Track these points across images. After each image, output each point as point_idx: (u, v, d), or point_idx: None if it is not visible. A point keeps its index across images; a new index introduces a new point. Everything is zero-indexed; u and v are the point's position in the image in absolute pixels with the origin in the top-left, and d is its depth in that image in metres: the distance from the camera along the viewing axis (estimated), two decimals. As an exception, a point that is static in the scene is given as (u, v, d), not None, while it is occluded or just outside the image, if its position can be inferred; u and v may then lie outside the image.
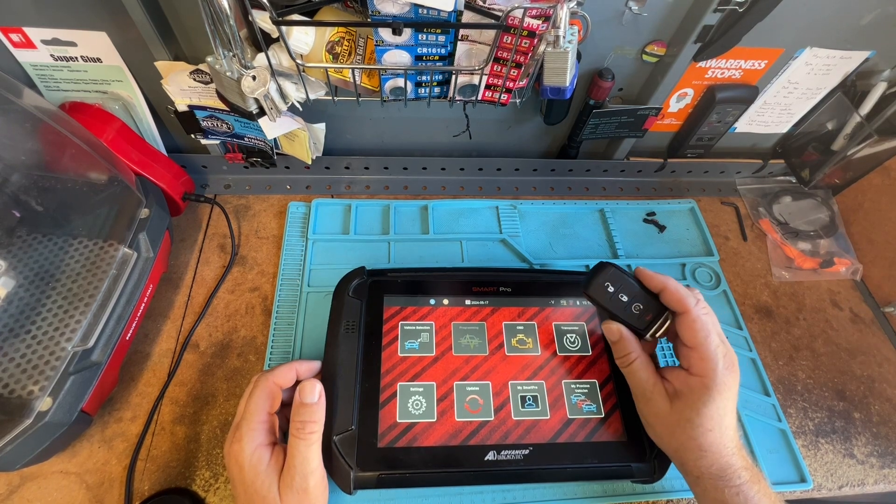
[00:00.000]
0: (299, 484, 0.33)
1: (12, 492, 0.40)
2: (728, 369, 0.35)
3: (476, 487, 0.42)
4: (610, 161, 0.64)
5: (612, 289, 0.40)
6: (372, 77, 0.45)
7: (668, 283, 0.39)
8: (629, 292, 0.40)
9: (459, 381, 0.43)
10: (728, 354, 0.36)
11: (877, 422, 0.50)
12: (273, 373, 0.37)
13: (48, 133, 0.41)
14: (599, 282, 0.40)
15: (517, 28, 0.39)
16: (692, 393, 0.35)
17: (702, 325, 0.36)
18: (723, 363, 0.35)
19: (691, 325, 0.36)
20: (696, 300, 0.37)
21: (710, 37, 0.47)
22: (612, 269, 0.40)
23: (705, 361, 0.35)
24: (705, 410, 0.34)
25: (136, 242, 0.44)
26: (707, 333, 0.36)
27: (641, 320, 0.40)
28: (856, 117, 0.56)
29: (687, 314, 0.37)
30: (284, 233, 0.56)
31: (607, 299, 0.40)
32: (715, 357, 0.35)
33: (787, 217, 0.64)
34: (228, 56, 0.39)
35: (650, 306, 0.40)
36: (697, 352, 0.36)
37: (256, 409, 0.36)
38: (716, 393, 0.34)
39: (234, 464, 0.34)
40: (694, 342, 0.36)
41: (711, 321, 0.37)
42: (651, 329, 0.40)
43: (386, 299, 0.46)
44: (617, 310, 0.40)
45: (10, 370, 0.36)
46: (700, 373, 0.35)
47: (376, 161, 0.60)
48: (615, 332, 0.41)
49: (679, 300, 0.37)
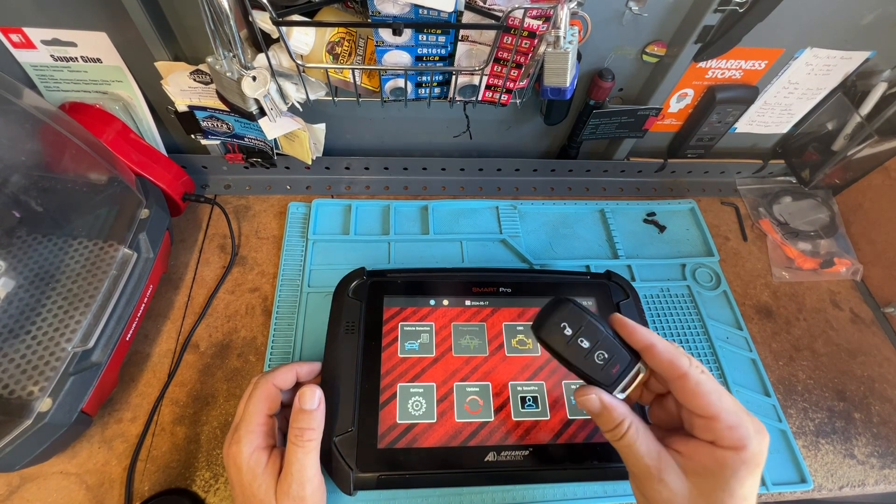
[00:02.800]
0: (296, 491, 0.33)
1: (12, 492, 0.40)
2: (760, 434, 0.29)
3: (476, 488, 0.42)
4: (610, 161, 0.64)
5: (569, 331, 0.32)
6: (372, 77, 0.45)
7: (654, 340, 0.32)
8: (591, 336, 0.32)
9: (459, 382, 0.43)
10: (752, 417, 0.30)
11: (877, 422, 0.50)
12: (273, 374, 0.37)
13: (48, 133, 0.41)
14: (554, 321, 0.32)
15: (517, 29, 0.39)
16: (724, 469, 0.29)
17: (710, 387, 0.30)
18: (753, 428, 0.29)
19: (696, 390, 0.30)
20: (689, 361, 0.31)
21: (710, 37, 0.47)
22: (569, 307, 0.32)
23: (736, 430, 0.29)
24: (740, 490, 0.28)
25: (136, 243, 0.44)
26: (720, 395, 0.30)
27: (607, 373, 0.32)
28: (856, 117, 0.56)
29: (684, 378, 0.30)
30: (284, 233, 0.56)
31: (563, 345, 0.32)
32: (745, 424, 0.29)
33: (788, 217, 0.64)
34: (228, 56, 0.39)
35: (617, 355, 0.32)
36: (721, 420, 0.29)
37: (255, 411, 0.35)
38: (754, 466, 0.29)
39: (232, 465, 0.34)
40: (710, 409, 0.30)
41: (713, 381, 0.31)
42: (619, 385, 0.32)
43: (386, 300, 0.46)
44: (575, 359, 0.32)
45: (10, 371, 0.36)
46: (733, 444, 0.29)
47: (376, 161, 0.60)
48: (594, 401, 0.32)
49: (671, 363, 0.31)
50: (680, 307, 0.54)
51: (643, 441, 0.31)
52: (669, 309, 0.54)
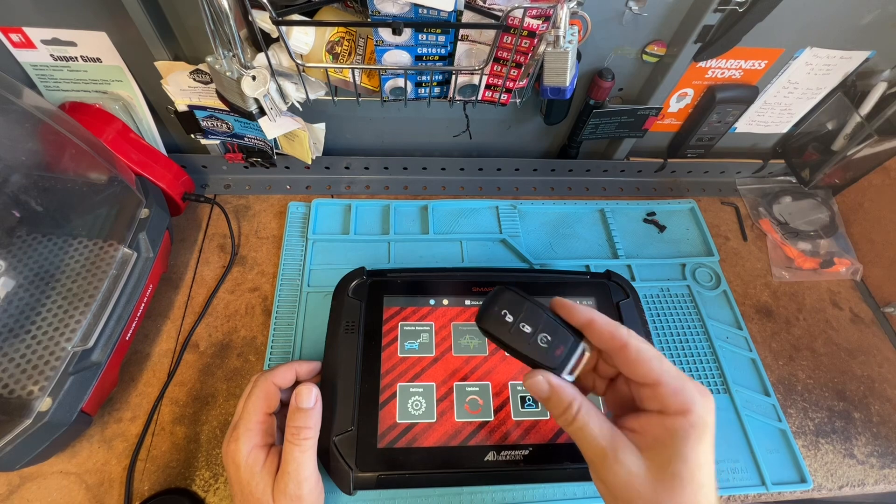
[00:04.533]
0: (293, 490, 0.33)
1: (12, 492, 0.40)
2: (704, 397, 0.29)
3: (476, 488, 0.42)
4: (610, 161, 0.64)
5: (510, 317, 0.31)
6: (372, 77, 0.45)
7: (593, 315, 0.31)
8: (533, 321, 0.31)
9: (459, 382, 0.43)
10: (695, 382, 0.30)
11: (877, 422, 0.50)
12: (272, 373, 0.37)
13: (48, 133, 0.41)
14: (495, 310, 0.32)
15: (517, 28, 0.39)
16: (675, 437, 0.28)
17: (650, 353, 0.30)
18: (697, 391, 0.29)
19: (637, 357, 0.29)
20: (627, 331, 0.31)
21: (710, 37, 0.47)
22: (508, 294, 0.32)
23: (680, 394, 0.28)
24: (695, 456, 0.27)
25: (136, 242, 0.44)
26: (660, 360, 0.29)
27: (551, 355, 0.31)
28: (856, 117, 0.56)
29: (625, 348, 0.30)
30: (284, 233, 0.56)
31: (506, 331, 0.31)
32: (688, 386, 0.29)
33: (788, 217, 0.64)
34: (228, 56, 0.39)
35: (560, 337, 0.32)
36: (664, 386, 0.29)
37: (254, 410, 0.36)
38: (702, 429, 0.28)
39: (230, 463, 0.34)
40: (652, 375, 0.29)
41: (653, 349, 0.30)
42: (566, 366, 0.31)
43: (386, 299, 0.46)
44: (519, 344, 0.31)
45: (10, 370, 0.36)
46: (679, 408, 0.28)
47: (376, 161, 0.60)
48: (542, 384, 0.31)
49: (611, 334, 0.30)
50: (680, 307, 0.54)
51: (595, 422, 0.30)
52: (669, 309, 0.54)
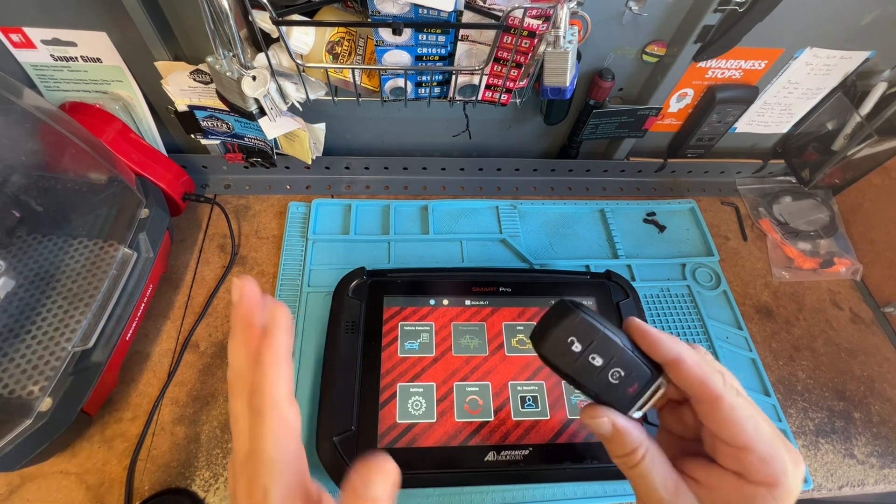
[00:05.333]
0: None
1: (12, 492, 0.40)
2: (797, 467, 0.25)
3: (476, 488, 0.42)
4: (610, 161, 0.64)
5: (577, 346, 0.26)
6: (372, 77, 0.45)
7: (682, 351, 0.27)
8: (605, 352, 0.26)
9: (459, 382, 0.43)
10: (789, 447, 0.26)
11: (877, 422, 0.50)
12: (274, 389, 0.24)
13: (48, 133, 0.41)
14: (559, 337, 0.26)
15: (517, 28, 0.39)
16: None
17: (746, 412, 0.25)
18: (790, 461, 0.25)
19: (730, 417, 0.25)
20: (722, 378, 0.26)
21: (710, 37, 0.47)
22: (578, 317, 0.26)
23: (770, 464, 0.25)
24: None
25: (137, 242, 0.44)
26: (756, 422, 0.25)
27: (622, 394, 0.26)
28: (856, 117, 0.56)
29: (718, 401, 0.25)
30: (284, 233, 0.56)
31: (570, 362, 0.26)
32: (782, 457, 0.25)
33: (787, 217, 0.64)
34: (228, 56, 0.39)
35: (635, 373, 0.26)
36: (755, 452, 0.25)
37: (281, 448, 0.23)
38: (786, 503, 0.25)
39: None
40: (743, 439, 0.25)
41: (751, 404, 0.26)
42: (635, 405, 0.27)
43: (386, 299, 0.46)
44: (584, 378, 0.26)
45: (10, 370, 0.36)
46: (765, 480, 0.24)
47: (376, 161, 0.60)
48: (605, 425, 0.27)
49: (702, 382, 0.26)
50: (680, 307, 0.54)
51: (659, 471, 0.26)
52: (669, 309, 0.54)
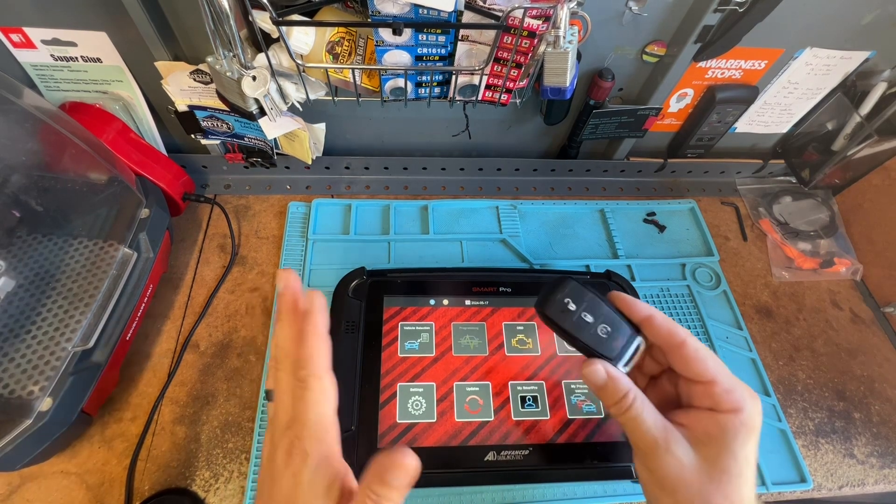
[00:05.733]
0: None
1: (12, 492, 0.40)
2: (753, 398, 0.30)
3: (476, 487, 0.42)
4: (610, 161, 0.64)
5: (573, 306, 0.32)
6: (372, 77, 0.45)
7: (653, 311, 0.33)
8: (594, 311, 0.33)
9: (459, 382, 0.43)
10: (746, 385, 0.31)
11: (877, 422, 0.50)
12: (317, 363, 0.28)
13: (48, 133, 0.41)
14: (558, 298, 0.33)
15: (517, 28, 0.39)
16: (726, 433, 0.29)
17: (706, 353, 0.31)
18: (747, 392, 0.30)
19: (695, 356, 0.31)
20: (685, 330, 0.32)
21: (710, 37, 0.47)
22: (572, 284, 0.33)
23: (732, 393, 0.30)
24: (743, 453, 0.29)
25: (137, 242, 0.44)
26: (715, 361, 0.31)
27: (610, 346, 0.32)
28: (856, 117, 0.56)
29: (683, 346, 0.31)
30: (284, 233, 0.56)
31: (568, 319, 0.32)
32: (739, 387, 0.30)
33: (787, 217, 0.64)
34: (228, 56, 0.39)
35: (619, 329, 0.33)
36: (718, 384, 0.30)
37: (321, 415, 0.26)
38: (751, 428, 0.29)
39: (289, 479, 0.25)
40: (708, 373, 0.30)
41: (710, 350, 0.32)
42: (623, 357, 0.33)
43: (386, 299, 0.46)
44: (580, 333, 0.32)
45: (11, 370, 0.36)
46: (731, 406, 0.29)
47: (376, 161, 0.60)
48: (600, 371, 0.32)
49: (669, 331, 0.32)
50: (680, 307, 0.54)
51: (648, 413, 0.31)
52: (669, 309, 0.54)
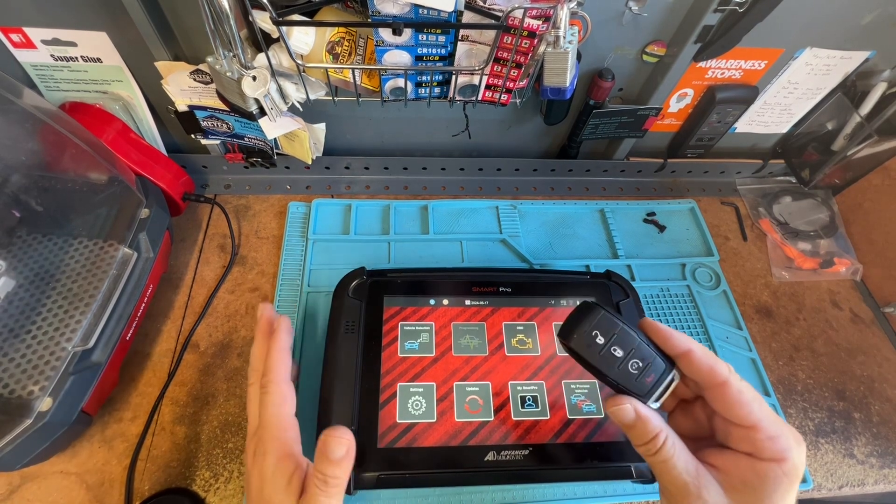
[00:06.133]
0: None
1: (12, 492, 0.40)
2: (799, 445, 0.28)
3: (476, 488, 0.42)
4: (610, 161, 0.64)
5: (601, 339, 0.30)
6: (372, 77, 0.45)
7: (692, 345, 0.30)
8: (625, 345, 0.30)
9: (459, 382, 0.43)
10: (791, 428, 0.29)
11: (877, 422, 0.50)
12: (275, 371, 0.35)
13: (48, 133, 0.41)
14: (585, 329, 0.30)
15: (517, 28, 0.39)
16: (766, 483, 0.27)
17: (750, 395, 0.29)
18: (793, 439, 0.28)
19: (737, 398, 0.29)
20: (727, 366, 0.30)
21: (710, 37, 0.47)
22: (601, 313, 0.30)
23: (777, 441, 0.28)
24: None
25: (137, 242, 0.44)
26: (760, 404, 0.29)
27: (641, 383, 0.30)
28: (856, 117, 0.56)
29: (725, 386, 0.29)
30: (284, 233, 0.56)
31: (595, 353, 0.30)
32: (785, 433, 0.28)
33: (787, 217, 0.64)
34: (229, 56, 0.39)
35: (652, 364, 0.30)
36: (762, 430, 0.28)
37: (276, 416, 0.33)
38: (794, 479, 0.28)
39: (256, 476, 0.32)
40: (750, 419, 0.28)
41: (753, 390, 0.30)
42: (654, 393, 0.30)
43: (386, 299, 0.46)
44: (609, 370, 0.30)
45: (11, 370, 0.36)
46: (774, 455, 0.28)
47: (376, 161, 0.60)
48: (629, 412, 0.30)
49: (711, 369, 0.29)
50: (680, 307, 0.54)
51: (680, 456, 0.29)
52: (669, 309, 0.54)
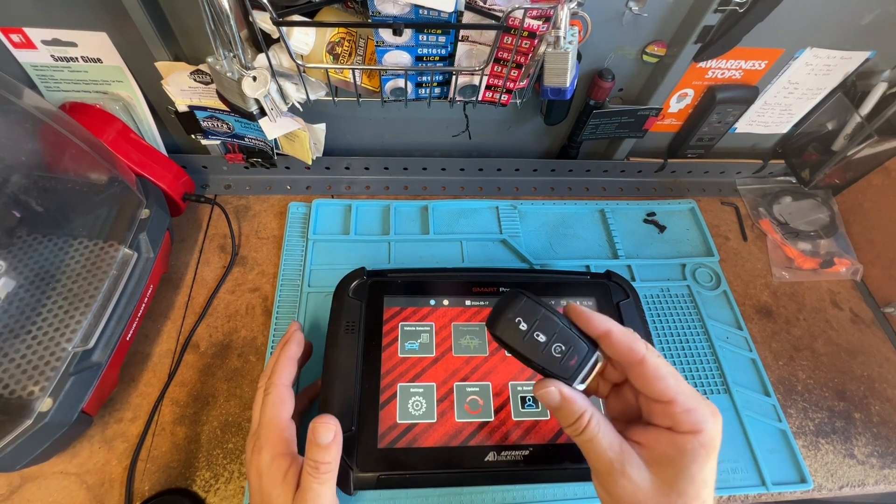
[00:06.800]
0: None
1: (12, 492, 0.40)
2: (714, 417, 0.29)
3: (476, 488, 0.42)
4: (610, 161, 0.64)
5: (524, 325, 0.31)
6: (372, 77, 0.45)
7: (611, 326, 0.31)
8: (547, 330, 0.31)
9: (459, 382, 0.43)
10: (707, 400, 0.30)
11: (877, 422, 0.50)
12: (278, 375, 0.37)
13: (48, 133, 0.41)
14: (508, 317, 0.31)
15: (518, 29, 0.39)
16: (684, 455, 0.28)
17: (666, 370, 0.30)
18: (709, 412, 0.29)
19: (654, 374, 0.29)
20: (645, 345, 0.30)
21: (710, 37, 0.47)
22: (523, 300, 0.31)
23: (692, 413, 0.29)
24: (701, 475, 0.28)
25: (137, 243, 0.44)
26: (676, 379, 0.30)
27: (564, 366, 0.31)
28: (856, 117, 0.56)
29: (643, 363, 0.30)
30: (285, 233, 0.56)
31: (519, 339, 0.31)
32: (701, 406, 0.29)
33: (788, 217, 0.64)
34: (229, 57, 0.39)
35: (575, 347, 0.31)
36: (677, 404, 0.29)
37: (274, 416, 0.35)
38: (711, 450, 0.28)
39: (254, 472, 0.34)
40: (667, 393, 0.29)
41: (671, 367, 0.30)
42: (579, 376, 0.31)
43: (386, 300, 0.46)
44: (532, 353, 0.31)
45: (11, 370, 0.36)
46: (691, 427, 0.28)
47: (376, 161, 0.60)
48: (553, 394, 0.30)
49: (629, 348, 0.30)
50: (680, 307, 0.54)
51: (605, 434, 0.30)
52: (669, 309, 0.54)
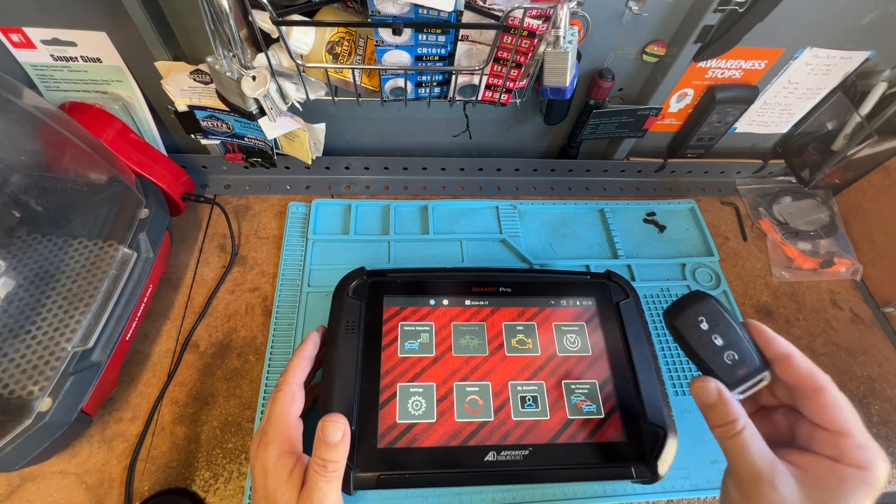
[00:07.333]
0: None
1: (12, 492, 0.40)
2: (885, 460, 0.29)
3: (476, 488, 0.42)
4: (610, 161, 0.64)
5: (705, 325, 0.33)
6: (372, 77, 0.45)
7: (794, 350, 0.32)
8: (726, 336, 0.33)
9: (459, 382, 0.43)
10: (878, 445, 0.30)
11: (877, 422, 0.50)
12: (292, 375, 0.37)
13: (48, 133, 0.41)
14: (692, 314, 0.33)
15: (517, 28, 0.39)
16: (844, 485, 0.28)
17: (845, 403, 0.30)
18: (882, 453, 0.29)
19: (833, 405, 0.30)
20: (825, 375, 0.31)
21: (710, 37, 0.47)
22: (711, 303, 0.34)
23: (864, 450, 0.29)
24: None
25: (136, 243, 0.44)
26: (853, 413, 0.30)
27: (732, 373, 0.32)
28: (856, 117, 0.56)
29: (822, 391, 0.30)
30: (284, 233, 0.56)
31: (696, 336, 0.33)
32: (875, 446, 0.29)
33: (787, 217, 0.64)
34: (228, 56, 0.39)
35: (747, 360, 0.32)
36: (852, 437, 0.29)
37: (282, 414, 0.35)
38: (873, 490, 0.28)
39: (259, 468, 0.34)
40: (844, 425, 0.29)
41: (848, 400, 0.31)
42: (742, 386, 0.32)
43: (386, 300, 0.46)
44: (704, 353, 0.33)
45: (10, 370, 0.36)
46: (859, 463, 0.28)
47: (376, 161, 0.60)
48: (712, 391, 0.31)
49: (810, 374, 0.31)
50: (680, 307, 0.54)
51: (757, 444, 0.30)
52: (669, 309, 0.54)
